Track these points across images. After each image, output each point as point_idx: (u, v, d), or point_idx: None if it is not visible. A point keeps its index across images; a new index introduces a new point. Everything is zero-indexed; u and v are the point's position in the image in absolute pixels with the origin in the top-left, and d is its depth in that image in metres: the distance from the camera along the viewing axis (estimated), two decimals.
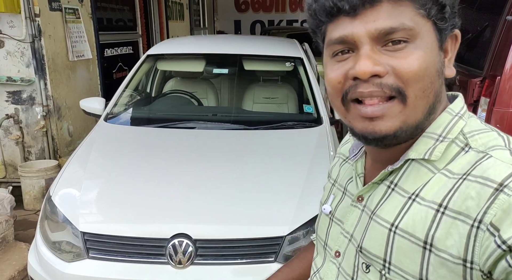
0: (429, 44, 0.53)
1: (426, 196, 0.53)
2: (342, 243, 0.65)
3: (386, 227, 0.56)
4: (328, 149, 2.26)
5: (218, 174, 2.01)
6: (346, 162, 0.72)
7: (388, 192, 0.58)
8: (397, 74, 0.52)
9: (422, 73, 0.52)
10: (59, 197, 1.88)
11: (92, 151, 2.18)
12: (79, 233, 1.71)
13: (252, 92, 3.02)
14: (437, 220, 0.51)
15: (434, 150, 0.55)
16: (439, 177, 0.53)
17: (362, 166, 0.66)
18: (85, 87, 4.26)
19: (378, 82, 0.52)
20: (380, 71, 0.52)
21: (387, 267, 0.55)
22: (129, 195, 1.86)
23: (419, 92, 0.53)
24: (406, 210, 0.54)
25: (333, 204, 0.70)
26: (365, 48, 0.53)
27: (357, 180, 0.65)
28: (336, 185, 0.72)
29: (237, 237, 1.71)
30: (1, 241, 2.48)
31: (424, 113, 0.54)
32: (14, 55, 3.52)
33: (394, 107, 0.53)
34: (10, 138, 3.68)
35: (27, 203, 3.44)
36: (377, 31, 0.52)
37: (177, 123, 2.45)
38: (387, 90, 0.52)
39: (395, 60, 0.52)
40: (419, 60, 0.52)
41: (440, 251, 0.50)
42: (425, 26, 0.53)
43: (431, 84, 0.53)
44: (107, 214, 1.82)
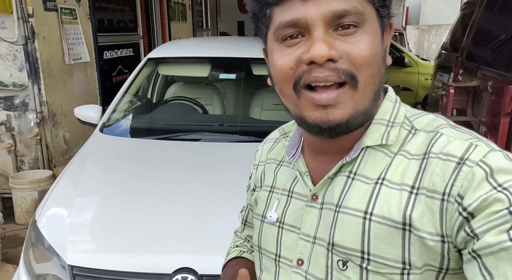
0: (375, 30, 0.54)
1: (393, 178, 0.54)
2: (304, 248, 0.61)
3: (359, 216, 0.54)
4: None
5: (227, 196, 1.76)
6: (281, 166, 0.70)
7: (349, 182, 0.57)
8: (350, 59, 0.52)
9: (372, 58, 0.53)
10: (45, 220, 1.65)
11: (85, 167, 1.94)
12: (67, 266, 1.47)
13: (260, 99, 2.79)
14: (412, 201, 0.51)
15: (389, 134, 0.56)
16: (400, 159, 0.55)
17: (304, 165, 0.65)
18: (82, 92, 4.03)
19: (333, 67, 0.52)
20: (335, 56, 0.51)
21: (366, 258, 0.54)
22: (126, 220, 1.62)
23: (368, 78, 0.53)
24: (376, 195, 0.54)
25: (278, 210, 0.66)
26: (319, 31, 0.52)
27: (305, 179, 0.64)
28: (275, 190, 0.68)
29: None
30: None
31: (371, 99, 0.55)
32: (6, 58, 3.30)
33: (346, 93, 0.53)
34: (2, 147, 3.45)
35: (18, 217, 3.22)
36: (331, 14, 0.51)
37: (180, 135, 2.22)
38: (342, 75, 0.52)
39: (348, 45, 0.52)
40: (369, 46, 0.52)
41: (419, 231, 0.50)
42: (370, 12, 0.53)
43: (378, 70, 0.54)
44: (100, 243, 1.58)
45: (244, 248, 0.86)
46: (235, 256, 0.84)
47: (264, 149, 0.77)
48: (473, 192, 0.47)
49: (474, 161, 0.49)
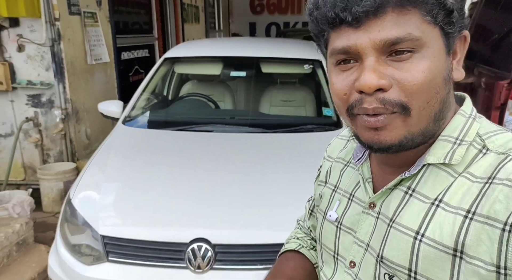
0: (436, 51, 0.51)
1: (451, 201, 0.51)
2: (357, 253, 0.62)
3: (410, 235, 0.53)
4: None
5: (237, 178, 1.98)
6: (347, 167, 0.69)
7: (406, 198, 0.56)
8: (401, 87, 0.51)
9: (427, 85, 0.51)
10: (78, 200, 1.88)
11: (110, 154, 2.19)
12: (99, 237, 1.70)
13: (269, 95, 2.99)
14: (466, 226, 0.49)
15: (454, 153, 0.53)
16: (462, 181, 0.52)
17: (368, 170, 0.64)
18: (102, 91, 4.30)
19: (381, 98, 0.51)
20: (384, 85, 0.51)
21: (413, 277, 0.53)
22: (148, 199, 1.85)
23: (423, 104, 0.51)
24: (431, 216, 0.52)
25: (338, 210, 0.67)
26: (370, 59, 0.51)
27: (366, 185, 0.63)
28: (338, 191, 0.69)
29: (256, 242, 1.68)
30: (22, 243, 2.50)
31: (429, 121, 0.53)
32: (34, 59, 3.57)
33: (396, 118, 0.52)
34: (30, 141, 3.73)
35: (45, 205, 3.48)
36: (382, 42, 0.50)
37: (194, 127, 2.44)
38: (389, 107, 0.51)
39: (400, 73, 0.51)
40: (424, 73, 0.50)
41: (472, 258, 0.48)
42: (432, 32, 0.51)
43: (436, 94, 0.52)
44: (127, 218, 1.81)
45: (304, 243, 0.86)
46: (293, 249, 0.83)
47: (337, 145, 0.77)
48: None
49: None
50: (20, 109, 3.67)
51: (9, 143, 3.70)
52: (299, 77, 3.23)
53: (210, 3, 9.35)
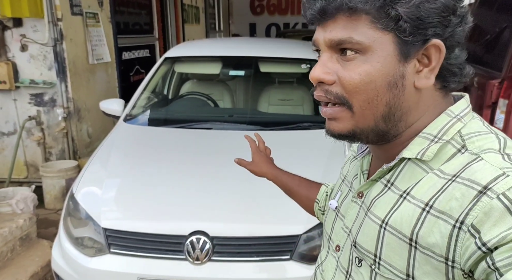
0: (382, 57, 0.54)
1: (416, 194, 0.55)
2: (342, 237, 0.67)
3: (377, 223, 0.58)
4: (344, 149, 2.28)
5: (235, 173, 2.02)
6: (355, 159, 0.73)
7: (384, 190, 0.59)
8: (342, 85, 0.56)
9: (363, 87, 0.54)
10: (81, 194, 1.94)
11: (112, 150, 2.25)
12: (101, 229, 1.76)
13: (267, 94, 3.06)
14: (422, 218, 0.52)
15: (427, 150, 0.56)
16: (431, 177, 0.55)
17: (368, 163, 0.68)
18: (103, 90, 4.36)
19: (324, 89, 0.57)
20: (325, 79, 0.57)
21: (377, 262, 0.57)
22: (148, 193, 1.91)
23: (363, 104, 0.56)
24: (397, 207, 0.56)
25: (339, 199, 0.72)
26: (324, 55, 0.57)
27: (361, 177, 0.67)
28: (345, 181, 0.74)
29: (253, 235, 1.74)
30: (25, 238, 2.56)
31: (377, 121, 0.57)
32: (37, 59, 3.63)
33: (343, 112, 0.57)
34: (32, 140, 3.79)
35: (47, 202, 3.54)
36: (329, 41, 0.56)
37: (194, 124, 2.51)
38: (331, 97, 0.57)
39: (342, 71, 0.55)
40: (360, 75, 0.54)
41: (424, 249, 0.51)
42: (380, 38, 0.54)
43: (376, 97, 0.55)
44: (128, 211, 1.87)
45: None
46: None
47: None
48: (493, 226, 0.46)
49: (497, 192, 0.47)
50: (23, 108, 3.73)
51: (12, 141, 3.77)
52: (296, 76, 3.29)
53: (210, 3, 9.42)
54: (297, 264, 1.71)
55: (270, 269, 1.71)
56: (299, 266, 1.71)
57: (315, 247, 1.77)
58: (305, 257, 1.73)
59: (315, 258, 1.75)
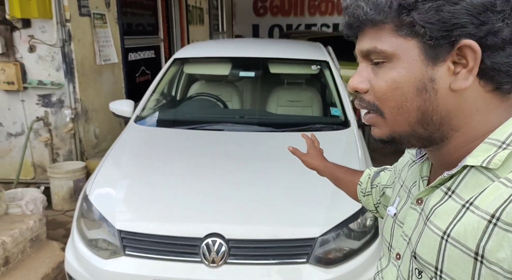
0: (407, 63, 0.55)
1: (481, 204, 0.51)
2: (402, 245, 0.65)
3: (438, 234, 0.55)
4: (357, 151, 2.27)
5: (248, 175, 2.03)
6: (414, 163, 0.71)
7: (445, 198, 0.57)
8: (373, 93, 0.58)
9: (391, 93, 0.56)
10: (95, 195, 1.93)
11: (125, 151, 2.24)
12: (116, 231, 1.75)
13: (276, 95, 3.05)
14: (489, 231, 0.49)
15: (494, 157, 0.52)
16: (497, 186, 0.51)
17: (427, 169, 0.66)
18: (110, 91, 4.35)
19: (361, 97, 0.60)
20: (359, 88, 0.59)
21: (438, 275, 0.55)
22: (163, 194, 1.90)
23: (393, 110, 0.57)
24: (459, 218, 0.53)
25: (398, 206, 0.70)
26: (360, 65, 0.60)
27: (420, 183, 0.65)
28: (404, 186, 0.72)
29: (269, 237, 1.73)
30: (35, 239, 2.55)
31: (413, 126, 0.57)
32: (45, 60, 3.63)
33: (377, 118, 0.60)
34: (40, 141, 3.78)
35: (55, 204, 3.53)
36: (360, 52, 0.59)
37: (205, 125, 2.50)
38: (365, 105, 0.60)
39: (374, 80, 0.58)
40: (387, 83, 0.56)
41: (491, 264, 0.49)
42: (404, 45, 0.55)
43: (405, 103, 0.56)
44: (143, 213, 1.86)
45: None
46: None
47: None
48: None
49: None
50: (30, 108, 3.73)
51: (20, 142, 3.76)
52: (306, 77, 3.29)
53: (214, 5, 9.42)
54: (313, 267, 1.69)
55: (287, 272, 1.69)
56: (315, 269, 1.69)
57: (330, 250, 1.75)
58: (321, 260, 1.72)
59: (331, 262, 1.75)
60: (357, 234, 1.84)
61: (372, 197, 0.94)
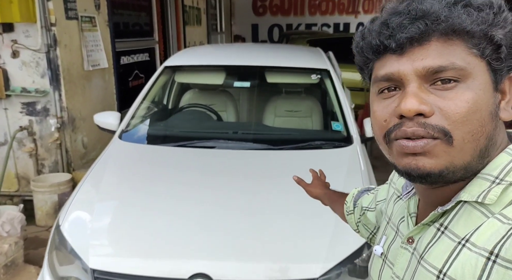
0: (482, 85, 0.50)
1: (477, 241, 0.49)
2: None
3: (433, 273, 0.52)
4: (360, 172, 2.06)
5: (242, 203, 1.82)
6: (400, 199, 0.69)
7: (438, 235, 0.55)
8: (444, 116, 0.50)
9: (470, 116, 0.50)
10: (68, 225, 1.73)
11: (105, 172, 2.03)
12: (89, 269, 1.55)
13: (274, 105, 2.84)
14: (488, 269, 0.47)
15: (488, 192, 0.51)
16: (492, 222, 0.49)
17: (415, 205, 0.63)
18: (100, 97, 4.14)
19: (422, 122, 0.50)
20: (425, 111, 0.50)
21: None
22: (145, 226, 1.69)
23: (467, 136, 0.50)
24: (455, 256, 0.51)
25: (385, 245, 0.67)
26: (412, 85, 0.51)
27: (409, 220, 0.62)
28: (390, 223, 0.69)
29: (264, 278, 1.53)
30: (10, 264, 2.36)
31: (473, 156, 0.51)
32: (29, 66, 3.42)
33: (438, 146, 0.51)
34: (24, 151, 3.58)
35: (39, 219, 3.33)
36: (424, 70, 0.51)
37: (195, 142, 2.29)
38: (430, 131, 0.50)
39: (443, 101, 0.50)
40: (468, 103, 0.50)
41: None
42: (478, 66, 0.50)
43: (481, 128, 0.50)
44: (120, 248, 1.65)
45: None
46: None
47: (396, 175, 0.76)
48: None
49: None
50: (14, 117, 3.52)
51: (2, 152, 3.55)
52: (305, 87, 3.08)
53: (212, 4, 9.20)
54: None
55: None
56: None
57: None
58: None
59: None
60: (363, 270, 1.64)
61: (354, 216, 0.94)
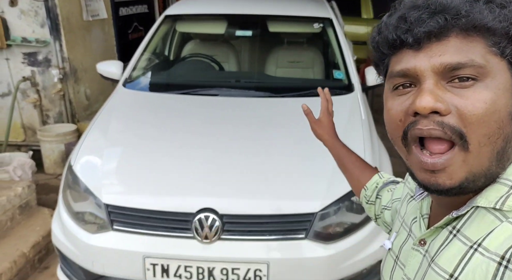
0: (502, 84, 0.48)
1: (490, 246, 0.48)
2: None
3: (444, 277, 0.51)
4: (360, 118, 2.13)
5: (244, 145, 1.90)
6: (413, 199, 0.67)
7: (450, 238, 0.53)
8: (460, 116, 0.48)
9: (488, 118, 0.47)
10: (80, 166, 1.81)
11: (112, 118, 2.09)
12: (103, 205, 1.65)
13: (275, 56, 2.85)
14: (500, 274, 0.45)
15: (507, 199, 0.49)
16: (506, 226, 0.48)
17: (428, 206, 0.62)
18: (100, 49, 4.12)
19: (439, 121, 0.48)
20: (441, 109, 0.48)
21: None
22: (153, 165, 1.78)
23: (483, 139, 0.48)
24: (467, 260, 0.49)
25: (395, 242, 0.67)
26: (428, 82, 0.49)
27: (421, 222, 0.61)
28: (403, 223, 0.68)
29: (265, 212, 1.64)
30: (25, 206, 2.47)
31: (492, 160, 0.49)
32: (28, 15, 3.38)
33: (456, 157, 0.49)
34: (28, 102, 3.62)
35: (47, 167, 3.44)
36: (442, 66, 0.48)
37: (198, 90, 2.33)
38: (448, 131, 0.48)
39: (460, 100, 0.48)
40: (486, 103, 0.47)
41: None
42: (498, 65, 0.48)
43: (498, 130, 0.48)
44: (131, 186, 1.75)
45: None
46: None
47: None
48: None
49: None
50: (16, 68, 3.53)
51: (7, 102, 3.59)
52: (307, 36, 3.07)
53: None
54: (312, 243, 1.61)
55: (284, 248, 1.61)
56: (314, 245, 1.61)
57: (330, 225, 1.67)
58: (320, 235, 1.63)
59: (330, 237, 1.66)
60: (359, 207, 1.74)
61: (375, 208, 0.89)
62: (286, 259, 1.60)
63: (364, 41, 5.69)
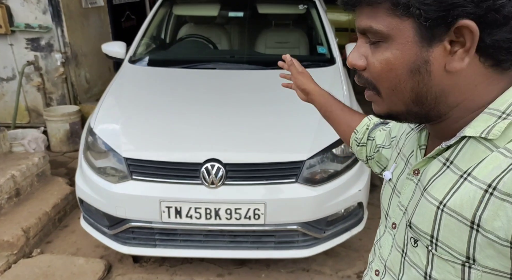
0: (402, 44, 0.53)
1: (478, 175, 0.51)
2: (398, 215, 0.66)
3: (434, 204, 0.55)
4: (342, 87, 2.43)
5: (241, 107, 2.20)
6: (412, 131, 0.70)
7: (443, 169, 0.56)
8: (369, 72, 0.57)
9: (385, 75, 0.55)
10: (100, 129, 2.08)
11: (123, 89, 2.37)
12: (123, 159, 1.93)
13: (264, 38, 3.14)
14: (485, 201, 0.49)
15: (493, 128, 0.51)
16: (496, 156, 0.50)
17: (425, 137, 0.65)
18: (97, 35, 4.34)
19: (359, 74, 0.59)
20: (357, 65, 0.58)
21: (434, 243, 0.56)
22: (164, 126, 2.06)
23: (388, 90, 0.56)
24: (456, 188, 0.53)
25: (394, 172, 0.70)
26: (359, 41, 0.58)
27: (418, 152, 0.65)
28: (401, 154, 0.71)
29: (262, 161, 1.93)
30: (41, 174, 2.73)
31: (408, 106, 0.56)
32: (31, 2, 3.59)
33: (375, 96, 0.59)
34: (32, 85, 3.84)
35: (53, 145, 3.67)
36: (359, 29, 0.57)
37: (198, 65, 2.61)
38: (363, 82, 0.59)
39: (371, 58, 0.56)
40: (381, 64, 0.55)
41: (487, 232, 0.49)
42: (399, 25, 0.52)
43: (399, 84, 0.54)
44: (146, 143, 2.03)
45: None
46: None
47: None
48: None
49: None
50: (20, 53, 3.74)
51: (11, 86, 3.81)
52: (293, 18, 3.36)
53: None
54: (301, 186, 1.92)
55: (278, 190, 1.92)
56: (303, 187, 1.92)
57: (316, 172, 1.98)
58: (308, 180, 1.94)
59: (317, 181, 1.97)
60: (340, 158, 2.06)
61: (366, 149, 0.90)
62: (280, 199, 1.91)
63: (346, 28, 6.00)
